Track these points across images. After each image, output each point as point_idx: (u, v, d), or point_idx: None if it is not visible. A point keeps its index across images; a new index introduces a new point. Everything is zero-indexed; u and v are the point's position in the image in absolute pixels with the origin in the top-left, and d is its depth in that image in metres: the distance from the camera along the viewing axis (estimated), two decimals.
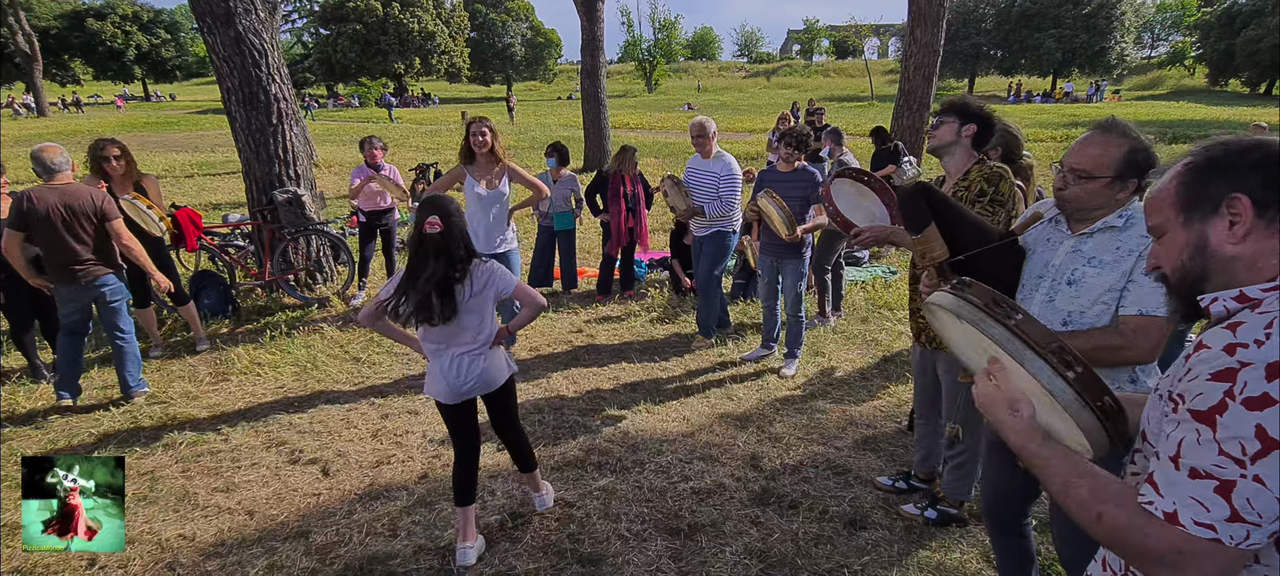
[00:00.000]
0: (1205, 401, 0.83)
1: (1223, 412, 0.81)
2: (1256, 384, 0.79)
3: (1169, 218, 1.00)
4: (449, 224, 2.29)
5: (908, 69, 8.92)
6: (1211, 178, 0.96)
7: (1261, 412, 0.78)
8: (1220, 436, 0.81)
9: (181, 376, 4.40)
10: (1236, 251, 0.93)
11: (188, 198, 11.01)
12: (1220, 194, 0.94)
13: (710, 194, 4.59)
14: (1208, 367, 0.85)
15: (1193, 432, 0.84)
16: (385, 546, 2.75)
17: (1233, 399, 0.81)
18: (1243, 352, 0.82)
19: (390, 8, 43.75)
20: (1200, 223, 0.96)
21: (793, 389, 4.22)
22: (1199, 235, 0.96)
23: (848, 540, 2.79)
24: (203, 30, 5.41)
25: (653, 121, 28.29)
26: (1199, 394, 0.84)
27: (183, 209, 5.16)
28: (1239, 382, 0.81)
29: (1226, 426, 0.81)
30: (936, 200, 2.11)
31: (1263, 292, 0.91)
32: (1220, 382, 0.82)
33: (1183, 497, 0.84)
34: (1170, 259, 1.01)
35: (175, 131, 24.52)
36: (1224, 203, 0.93)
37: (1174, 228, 1.00)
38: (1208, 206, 0.95)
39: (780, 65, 67.71)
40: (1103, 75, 45.11)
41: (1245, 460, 0.79)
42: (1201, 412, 0.83)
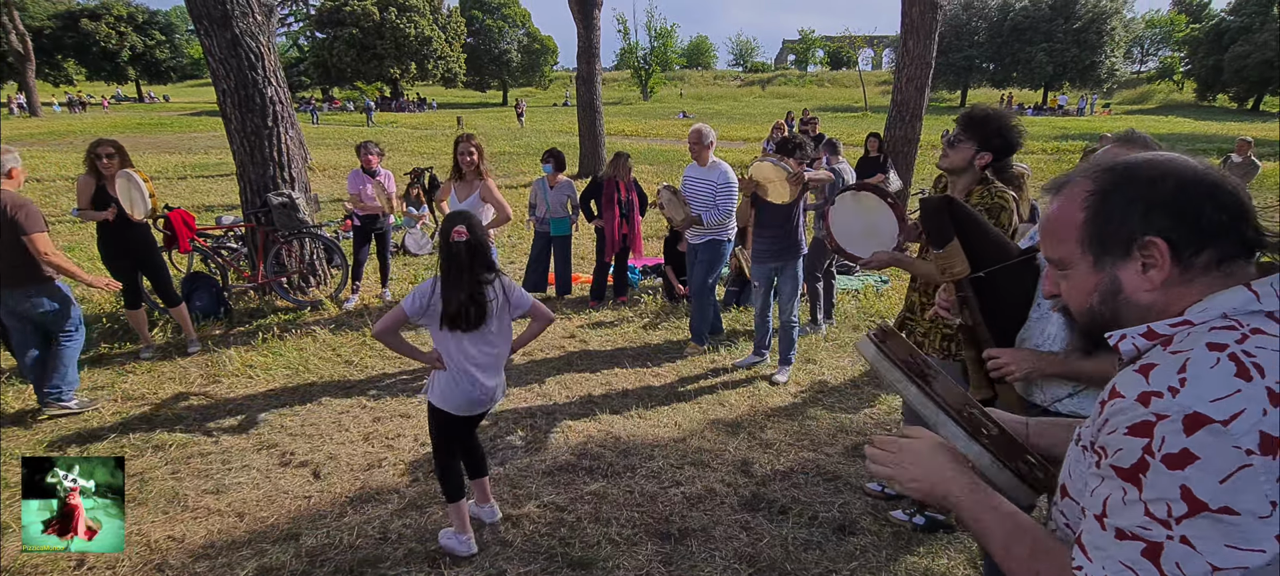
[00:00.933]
0: (1125, 458, 0.76)
1: (1144, 471, 0.74)
2: (1175, 439, 0.72)
3: (1074, 253, 0.90)
4: (474, 233, 2.44)
5: (901, 80, 8.99)
6: (1121, 213, 0.85)
7: (1183, 471, 0.71)
8: (1146, 497, 0.74)
9: (172, 378, 4.39)
10: (1151, 299, 0.85)
11: (181, 199, 10.97)
12: (1132, 233, 0.83)
13: (707, 202, 4.62)
14: (1124, 420, 0.77)
15: (1119, 491, 0.77)
16: (376, 549, 2.75)
17: (1152, 456, 0.73)
18: (1157, 403, 0.74)
19: (387, 12, 43.79)
20: (1112, 265, 0.86)
21: (784, 395, 4.24)
22: (1110, 280, 0.87)
23: (837, 545, 2.81)
24: (199, 32, 5.42)
25: (648, 128, 28.40)
26: (1119, 449, 0.77)
27: (176, 210, 5.15)
28: (1157, 438, 0.73)
29: (1151, 486, 0.73)
30: (960, 214, 2.07)
31: (1171, 328, 0.83)
32: (1138, 438, 0.75)
33: (1111, 562, 0.77)
34: (1077, 299, 0.92)
35: (168, 133, 24.43)
36: (1137, 245, 0.83)
37: (1080, 266, 0.90)
38: (1119, 249, 0.85)
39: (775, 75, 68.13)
40: (1093, 89, 45.60)
41: (1171, 522, 0.72)
42: (1124, 470, 0.76)
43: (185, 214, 5.20)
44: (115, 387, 4.23)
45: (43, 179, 12.95)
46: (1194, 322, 0.81)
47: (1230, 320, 0.79)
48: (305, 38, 47.71)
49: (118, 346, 4.91)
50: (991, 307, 1.99)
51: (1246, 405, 0.71)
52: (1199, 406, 0.72)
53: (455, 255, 2.41)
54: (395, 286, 6.32)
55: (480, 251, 2.46)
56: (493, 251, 3.84)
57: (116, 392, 4.16)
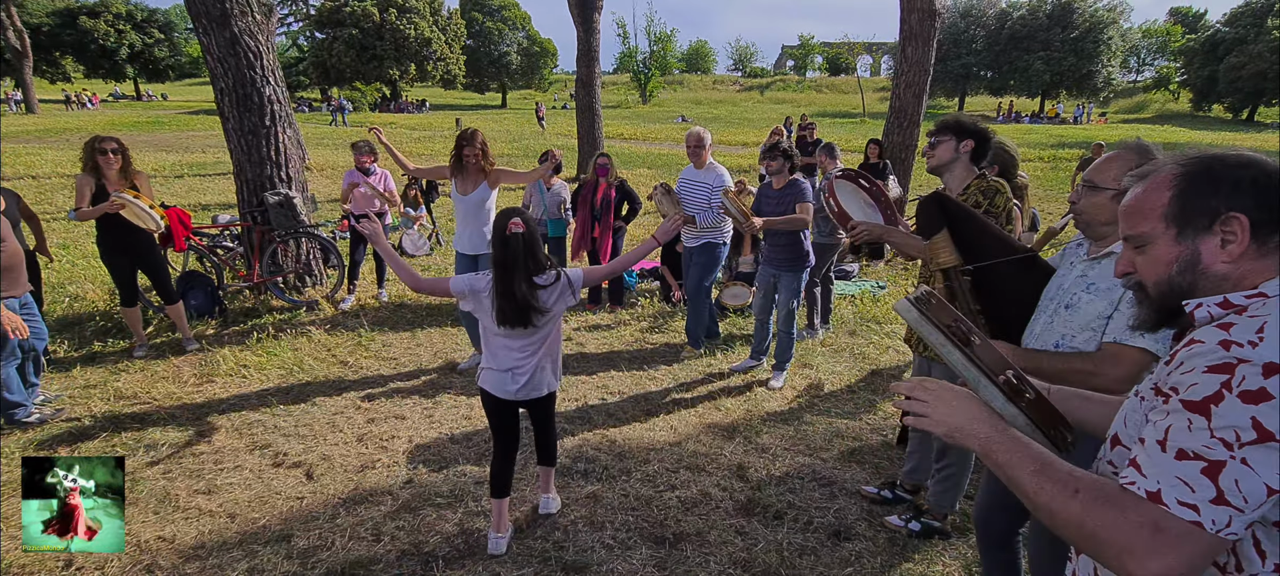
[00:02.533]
0: (1200, 392, 0.83)
1: (1218, 403, 0.81)
2: (1254, 379, 0.80)
3: (1156, 228, 0.98)
4: (530, 226, 2.43)
5: (899, 86, 9.02)
6: (1207, 192, 0.94)
7: (1257, 406, 0.79)
8: (1214, 424, 0.81)
9: (165, 377, 4.36)
10: (1227, 270, 0.93)
11: (177, 198, 10.92)
12: (1216, 210, 0.92)
13: (702, 204, 4.62)
14: (1203, 360, 0.85)
15: (1184, 420, 0.84)
16: (368, 550, 2.73)
17: (1229, 391, 0.81)
18: (1238, 349, 0.83)
19: (387, 14, 43.76)
20: (1193, 238, 0.95)
21: (780, 400, 4.23)
22: (1191, 251, 0.95)
23: (832, 551, 2.79)
24: (198, 31, 5.40)
25: (647, 132, 28.42)
26: (1194, 385, 0.84)
27: (172, 208, 5.12)
28: (1237, 376, 0.81)
29: (1222, 415, 0.81)
30: (954, 210, 2.12)
31: (1247, 299, 0.91)
32: (1217, 375, 0.83)
33: (1167, 477, 0.84)
34: (1154, 271, 0.99)
35: (165, 131, 24.36)
36: (1219, 221, 0.92)
37: (1162, 239, 0.98)
38: (1202, 222, 0.94)
39: (774, 80, 68.26)
40: (1090, 98, 45.81)
41: (1236, 446, 0.80)
42: (1195, 402, 0.83)
43: (181, 212, 5.17)
44: (108, 386, 4.19)
45: (39, 176, 12.89)
46: (1269, 295, 0.90)
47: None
48: (305, 38, 47.64)
49: (111, 344, 4.88)
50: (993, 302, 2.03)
51: None
52: (1276, 357, 0.81)
53: (512, 248, 2.38)
54: (391, 287, 6.30)
55: (536, 245, 2.44)
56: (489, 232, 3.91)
57: (109, 391, 4.13)
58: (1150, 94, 53.37)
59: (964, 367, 1.12)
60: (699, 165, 4.69)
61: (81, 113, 34.12)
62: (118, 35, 45.28)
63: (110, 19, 45.04)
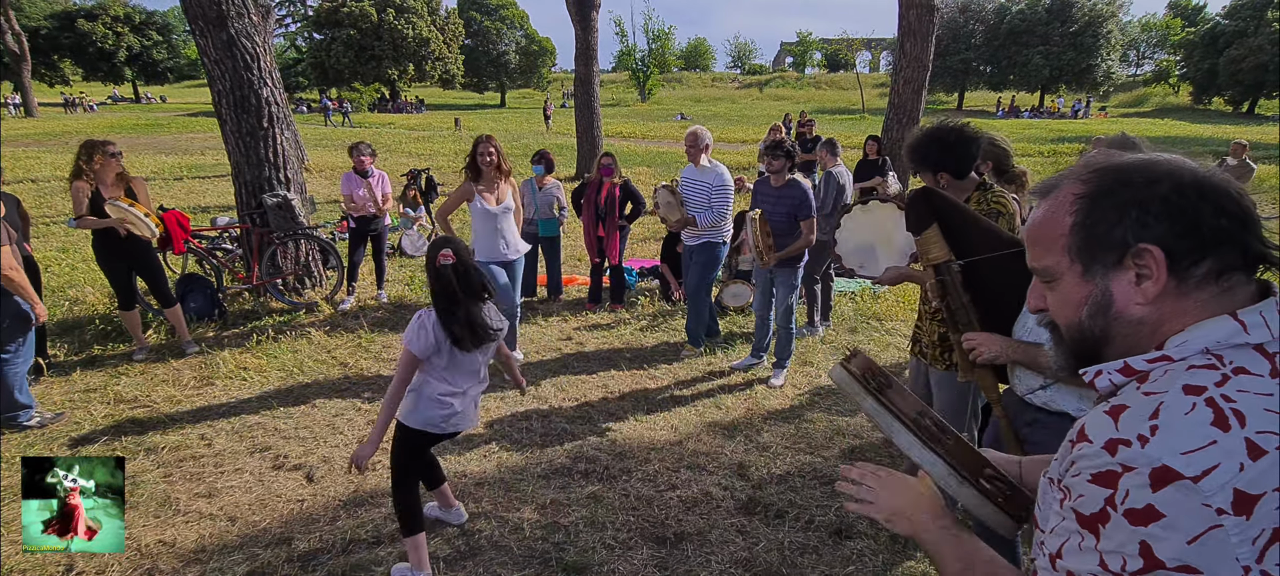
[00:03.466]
0: (1087, 505, 0.71)
1: (1104, 522, 0.69)
2: (1140, 493, 0.67)
3: (1061, 263, 0.82)
4: (460, 257, 2.38)
5: (898, 83, 9.02)
6: (1112, 218, 0.77)
7: (1145, 528, 0.66)
8: (1103, 547, 0.70)
9: (165, 380, 4.36)
10: (1144, 313, 0.77)
11: (176, 200, 10.93)
12: (1124, 241, 0.76)
13: (702, 203, 4.61)
14: (1089, 465, 0.72)
15: (1077, 536, 0.73)
16: (368, 553, 2.73)
17: (1114, 509, 0.68)
18: (1124, 452, 0.69)
19: (385, 14, 43.74)
20: (1103, 276, 0.79)
21: (781, 398, 4.23)
22: (1102, 292, 0.79)
23: (833, 550, 2.79)
24: (195, 33, 5.39)
25: (646, 130, 28.41)
26: (1081, 496, 0.72)
27: (170, 211, 5.12)
28: (1121, 490, 0.68)
29: (1109, 537, 0.69)
30: (943, 205, 2.13)
31: (1148, 364, 0.76)
32: (1101, 488, 0.70)
33: None
34: (1065, 313, 0.85)
35: (164, 133, 24.36)
36: (1130, 253, 0.76)
37: (1068, 276, 0.82)
38: (1110, 256, 0.77)
39: (773, 77, 68.20)
40: (1089, 92, 45.76)
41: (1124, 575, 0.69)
42: (1084, 517, 0.72)
43: (179, 215, 5.16)
44: (108, 390, 4.19)
45: (38, 180, 12.89)
46: (1173, 359, 0.74)
47: (1212, 355, 0.73)
48: (303, 39, 47.62)
49: (111, 348, 4.88)
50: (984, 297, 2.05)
51: (1221, 459, 0.65)
52: (1168, 459, 0.66)
53: (443, 280, 2.35)
54: (391, 288, 6.30)
55: (471, 271, 2.40)
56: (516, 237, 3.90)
57: (109, 394, 4.13)
58: (1150, 88, 53.25)
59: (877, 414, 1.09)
60: (698, 164, 4.68)
61: (82, 116, 34.10)
62: (116, 38, 45.30)
63: (108, 22, 45.05)
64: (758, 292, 4.59)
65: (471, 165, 4.18)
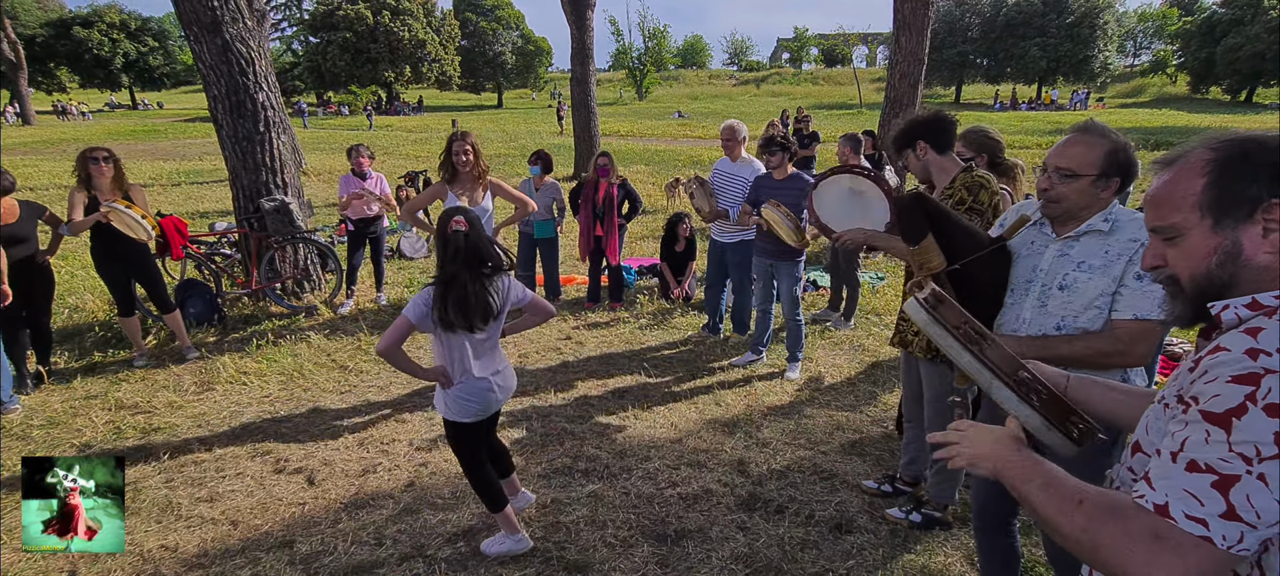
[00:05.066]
0: (1222, 403, 0.80)
1: (1241, 415, 0.78)
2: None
3: (1191, 219, 0.92)
4: (474, 227, 2.36)
5: (894, 77, 9.00)
6: (1246, 177, 0.88)
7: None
8: (1234, 438, 0.78)
9: (166, 386, 4.36)
10: (1270, 260, 0.88)
11: (175, 206, 10.93)
12: (1256, 197, 0.87)
13: (737, 197, 4.60)
14: (1228, 370, 0.81)
15: (1202, 432, 0.81)
16: (371, 554, 2.74)
17: (1254, 403, 0.77)
18: (1265, 359, 0.79)
19: (380, 16, 43.65)
20: (1233, 228, 0.89)
21: (781, 394, 4.23)
22: (1232, 242, 0.89)
23: (833, 544, 2.80)
24: (189, 38, 5.40)
25: (643, 129, 28.39)
26: (1216, 396, 0.80)
27: (168, 217, 5.12)
28: (1263, 387, 0.77)
29: (1242, 429, 0.78)
30: (932, 210, 2.13)
31: (1277, 300, 0.86)
32: (1241, 386, 0.79)
33: (1176, 490, 0.81)
34: (1190, 265, 0.93)
35: (162, 139, 24.35)
36: (1262, 209, 0.87)
37: (1198, 230, 0.92)
38: (1242, 210, 0.88)
39: (770, 73, 68.17)
40: (1087, 83, 45.71)
41: (1254, 460, 0.77)
42: (1216, 414, 0.80)
43: (177, 220, 5.17)
44: (109, 396, 4.20)
45: (36, 187, 12.89)
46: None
47: None
48: (299, 43, 47.54)
49: (111, 354, 4.89)
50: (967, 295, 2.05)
51: None
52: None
53: (454, 248, 2.30)
54: (390, 291, 6.30)
55: (482, 243, 2.36)
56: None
57: (110, 401, 4.14)
58: (1148, 78, 53.22)
59: (975, 370, 1.12)
60: (734, 158, 4.67)
61: (79, 123, 34.08)
62: (112, 45, 45.24)
63: (104, 28, 44.98)
64: (758, 288, 4.60)
65: (446, 164, 3.98)
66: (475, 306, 2.34)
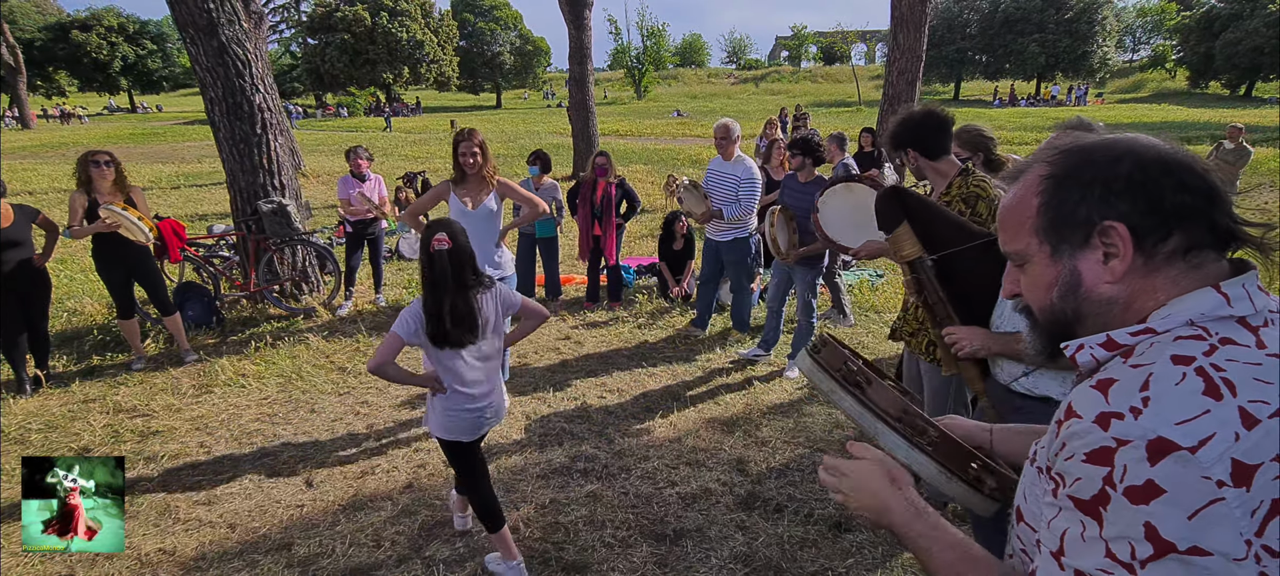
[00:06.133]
0: (1085, 488, 0.68)
1: (1105, 505, 0.66)
2: (1138, 469, 0.64)
3: (1031, 246, 0.82)
4: (457, 242, 2.31)
5: (891, 74, 9.00)
6: (1078, 197, 0.77)
7: (1148, 506, 0.63)
8: (1107, 534, 0.66)
9: (164, 389, 4.36)
10: (1113, 292, 0.77)
11: (174, 209, 10.92)
12: (1090, 219, 0.76)
13: (730, 196, 4.60)
14: (1082, 444, 0.69)
15: (1077, 525, 0.69)
16: (368, 557, 2.73)
17: (1114, 488, 0.65)
18: (1118, 426, 0.67)
19: (378, 18, 43.65)
20: (1070, 256, 0.79)
21: (780, 393, 4.23)
22: (1070, 271, 0.79)
23: (833, 543, 2.79)
24: (186, 41, 5.39)
25: (642, 128, 28.37)
26: (1078, 479, 0.69)
27: (165, 220, 5.11)
28: (1118, 467, 0.66)
29: (1112, 522, 0.66)
30: (912, 202, 2.16)
31: (1132, 337, 0.75)
32: (1098, 466, 0.67)
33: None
34: (1037, 296, 0.84)
35: (161, 143, 24.34)
36: (1096, 231, 0.76)
37: (1038, 258, 0.82)
38: (1077, 235, 0.77)
39: (769, 71, 68.10)
40: (1086, 79, 45.70)
41: (1135, 565, 0.64)
42: (1083, 502, 0.68)
43: (175, 223, 5.16)
44: (107, 399, 4.19)
45: (35, 191, 12.89)
46: (1157, 331, 0.74)
47: (1197, 327, 0.72)
48: (297, 44, 47.54)
49: (110, 358, 4.88)
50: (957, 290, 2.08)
51: (1217, 428, 0.64)
52: (1163, 431, 0.64)
53: (439, 267, 2.27)
54: (389, 292, 6.30)
55: (465, 260, 2.32)
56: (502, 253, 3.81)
57: (108, 404, 4.13)
58: (1146, 73, 53.17)
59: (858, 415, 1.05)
60: (727, 157, 4.66)
61: (77, 127, 34.08)
62: (110, 48, 45.27)
63: (102, 32, 45.01)
64: (773, 286, 4.60)
65: (455, 165, 3.75)
66: (462, 322, 2.31)
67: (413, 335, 2.33)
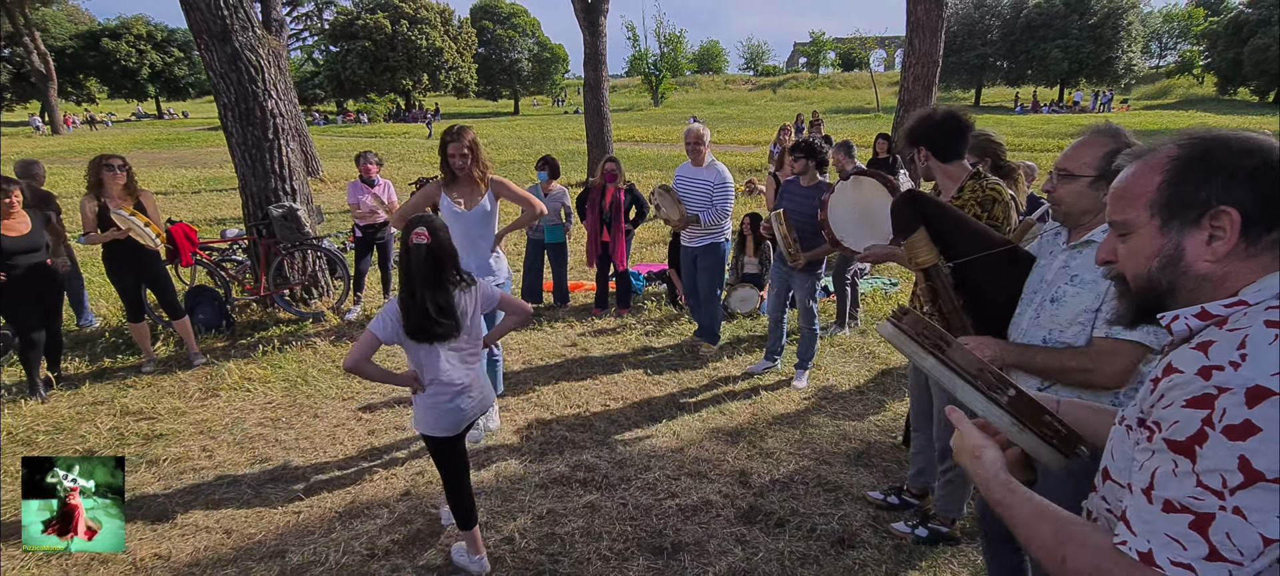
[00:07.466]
0: (1182, 430, 0.75)
1: (1202, 443, 0.73)
2: (1236, 410, 0.72)
3: (1140, 217, 0.88)
4: (437, 237, 2.27)
5: (907, 79, 8.88)
6: (1200, 179, 0.84)
7: (1244, 442, 0.71)
8: (1200, 468, 0.73)
9: (171, 392, 4.38)
10: (1209, 270, 0.83)
11: (193, 213, 11.09)
12: (1207, 201, 0.82)
13: (703, 202, 4.54)
14: (1182, 393, 0.77)
15: (1169, 464, 0.76)
16: (361, 566, 2.70)
17: (1212, 427, 0.73)
18: (1218, 376, 0.74)
19: (398, 25, 44.19)
20: (1178, 231, 0.85)
21: (787, 403, 4.14)
22: (1175, 245, 0.85)
23: (835, 560, 2.71)
24: (200, 48, 5.45)
25: (658, 134, 28.37)
26: (1175, 422, 0.76)
27: (177, 224, 5.17)
28: (1218, 410, 0.73)
29: (1206, 457, 0.73)
30: (929, 208, 2.09)
31: (1226, 308, 0.82)
32: (1197, 410, 0.75)
33: (1157, 534, 0.76)
34: (1135, 264, 0.90)
35: (184, 148, 24.80)
36: (1209, 214, 0.82)
37: (1146, 229, 0.88)
38: (1190, 214, 0.84)
39: (786, 78, 67.83)
40: (1110, 85, 44.91)
41: (1225, 492, 0.72)
42: (1179, 442, 0.75)
43: (187, 227, 5.21)
44: (115, 402, 4.22)
45: (62, 195, 13.12)
46: (1250, 303, 0.80)
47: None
48: (320, 52, 48.28)
49: (120, 360, 4.93)
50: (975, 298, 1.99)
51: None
52: (1261, 379, 0.72)
53: (417, 261, 2.23)
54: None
55: (445, 256, 2.28)
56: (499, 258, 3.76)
57: (116, 407, 4.16)
58: (1173, 79, 52.11)
59: (939, 372, 1.10)
60: (698, 162, 4.61)
61: (105, 132, 34.86)
62: (139, 56, 46.25)
63: (131, 40, 46.00)
64: (771, 295, 4.51)
65: (443, 165, 3.51)
66: (440, 317, 2.28)
67: (390, 334, 2.31)
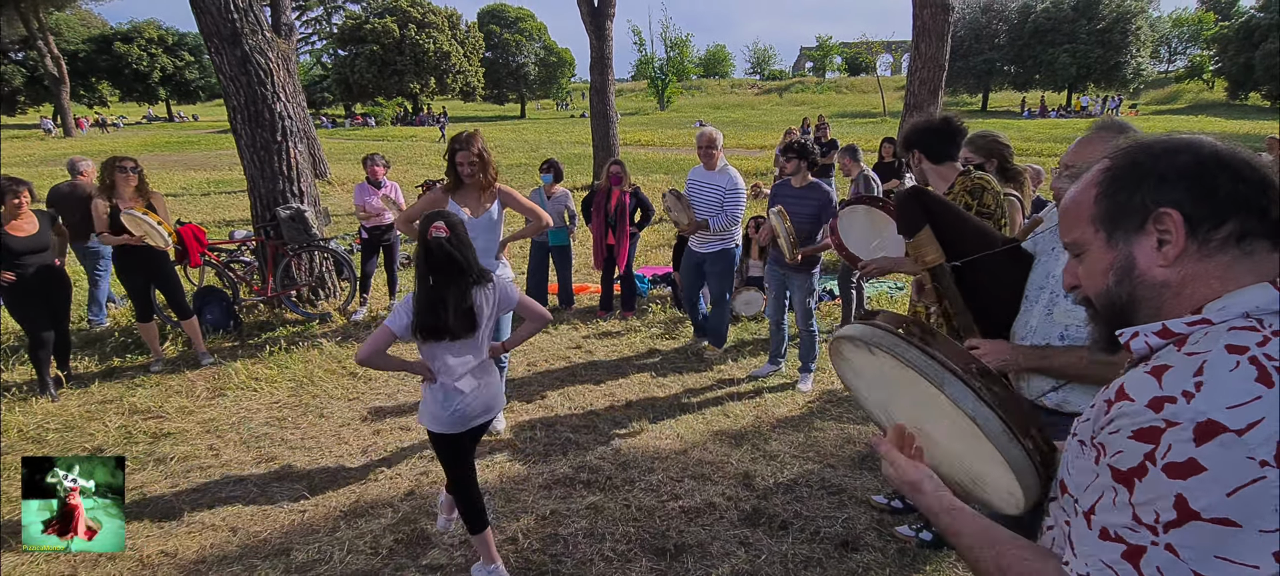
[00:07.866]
0: (1125, 460, 0.73)
1: (1141, 476, 0.71)
2: (1182, 448, 0.68)
3: (1087, 233, 0.87)
4: (455, 231, 2.27)
5: (913, 84, 8.88)
6: (1134, 186, 0.82)
7: (1184, 481, 0.67)
8: (1135, 499, 0.71)
9: (179, 392, 4.42)
10: (1166, 276, 0.81)
11: (203, 215, 11.18)
12: (1144, 205, 0.81)
13: (713, 207, 4.53)
14: (1130, 423, 0.73)
15: (1110, 492, 0.74)
16: (366, 564, 2.71)
17: (1153, 463, 0.70)
18: (1169, 409, 0.70)
19: (406, 29, 44.47)
20: (1125, 241, 0.83)
21: (792, 405, 4.14)
22: (1125, 256, 0.83)
23: (839, 563, 2.70)
24: (210, 50, 5.51)
25: (664, 138, 28.40)
26: (1119, 452, 0.74)
27: (186, 225, 5.21)
28: (1163, 445, 0.69)
29: (1143, 491, 0.70)
30: (934, 205, 2.08)
31: (1188, 327, 0.78)
32: (1142, 443, 0.71)
33: (1094, 560, 0.75)
34: (1094, 282, 0.88)
35: (195, 150, 25.00)
36: (1151, 218, 0.80)
37: (1094, 245, 0.86)
38: (1132, 221, 0.82)
39: (793, 82, 67.82)
40: (1119, 90, 44.67)
41: (1158, 528, 0.69)
42: (1120, 472, 0.73)
43: (196, 229, 5.26)
44: (124, 401, 4.26)
45: None
46: (1213, 321, 0.76)
47: (1253, 319, 0.75)
48: (328, 56, 48.66)
49: (129, 359, 4.97)
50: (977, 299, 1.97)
51: (1265, 413, 0.67)
52: (1213, 413, 0.68)
53: (434, 255, 2.22)
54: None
55: (465, 249, 2.28)
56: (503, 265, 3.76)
57: (124, 406, 4.20)
58: (1183, 84, 51.81)
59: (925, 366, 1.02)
60: (710, 166, 4.60)
61: (116, 134, 35.18)
62: (150, 59, 46.71)
63: (143, 44, 46.48)
64: (770, 298, 4.51)
65: (450, 170, 3.47)
66: (456, 315, 2.27)
67: (404, 329, 2.30)
